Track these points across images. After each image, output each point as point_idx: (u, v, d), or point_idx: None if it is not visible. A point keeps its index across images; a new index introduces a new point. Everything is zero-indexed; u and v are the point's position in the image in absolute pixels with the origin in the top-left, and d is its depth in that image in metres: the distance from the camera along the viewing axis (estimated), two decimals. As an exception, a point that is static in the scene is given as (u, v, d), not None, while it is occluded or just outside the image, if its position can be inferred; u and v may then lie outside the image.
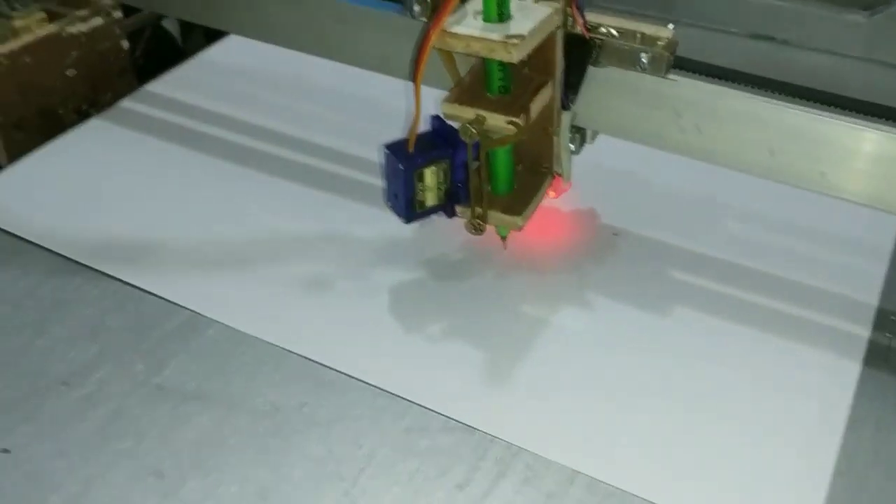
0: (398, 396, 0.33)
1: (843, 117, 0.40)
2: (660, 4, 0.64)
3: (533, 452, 0.31)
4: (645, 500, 0.30)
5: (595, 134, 0.41)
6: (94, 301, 0.38)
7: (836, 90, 0.59)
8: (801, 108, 0.41)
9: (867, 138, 0.35)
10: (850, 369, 0.35)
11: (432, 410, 0.33)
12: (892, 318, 0.37)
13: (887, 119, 0.47)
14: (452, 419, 0.32)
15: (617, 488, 0.30)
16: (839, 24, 0.60)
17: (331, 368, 0.34)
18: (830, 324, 0.37)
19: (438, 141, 0.38)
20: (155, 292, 0.38)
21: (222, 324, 0.37)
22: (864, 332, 0.37)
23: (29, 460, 0.31)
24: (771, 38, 0.62)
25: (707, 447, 0.32)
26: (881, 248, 0.42)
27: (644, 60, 0.37)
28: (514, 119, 0.35)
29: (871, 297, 0.39)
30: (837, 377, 0.35)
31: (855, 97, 0.55)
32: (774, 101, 0.39)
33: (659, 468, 0.31)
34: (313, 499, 0.30)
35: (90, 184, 0.46)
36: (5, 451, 0.32)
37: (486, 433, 0.32)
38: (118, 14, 0.54)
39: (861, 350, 0.36)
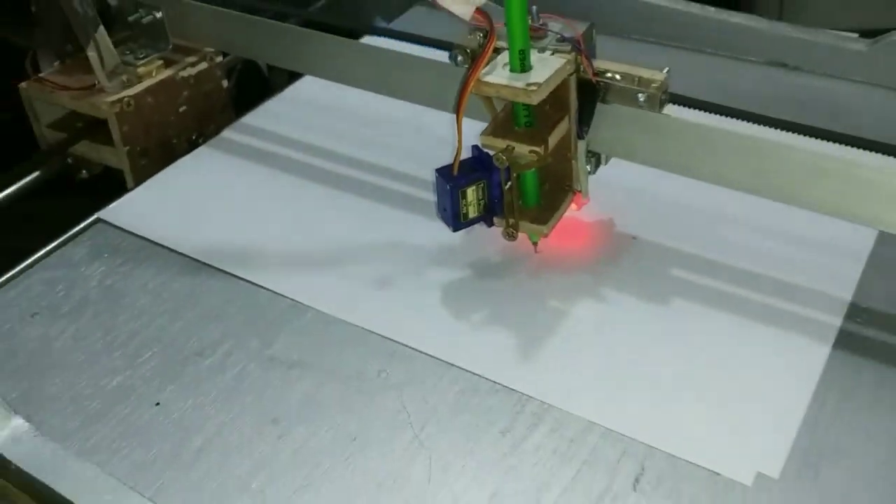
0: (454, 365, 0.41)
1: (816, 140, 0.46)
2: (690, 38, 0.67)
3: (559, 408, 0.39)
4: (646, 444, 0.37)
5: (608, 157, 0.47)
6: (217, 292, 0.46)
7: (839, 111, 0.63)
8: (775, 130, 0.47)
9: (831, 161, 0.40)
10: (823, 349, 0.41)
11: (480, 376, 0.41)
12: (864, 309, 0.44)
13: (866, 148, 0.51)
14: (497, 383, 0.40)
15: (624, 435, 0.37)
16: (844, 51, 0.64)
17: (401, 344, 0.42)
18: (809, 314, 0.43)
19: (478, 165, 0.45)
20: (264, 285, 0.46)
21: (316, 309, 0.45)
22: (836, 321, 0.42)
23: (175, 411, 0.40)
24: (784, 65, 0.66)
25: (700, 402, 0.39)
26: (860, 253, 0.46)
27: (641, 99, 0.43)
28: (535, 148, 0.42)
29: (847, 293, 0.44)
30: (811, 354, 0.41)
31: (851, 121, 0.60)
32: (751, 128, 0.46)
33: (659, 421, 0.38)
34: (390, 441, 0.38)
35: (202, 200, 0.54)
36: (157, 404, 0.41)
37: (523, 393, 0.40)
38: (219, 58, 0.61)
39: (833, 334, 0.42)
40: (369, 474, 0.37)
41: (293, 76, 0.66)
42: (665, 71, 0.43)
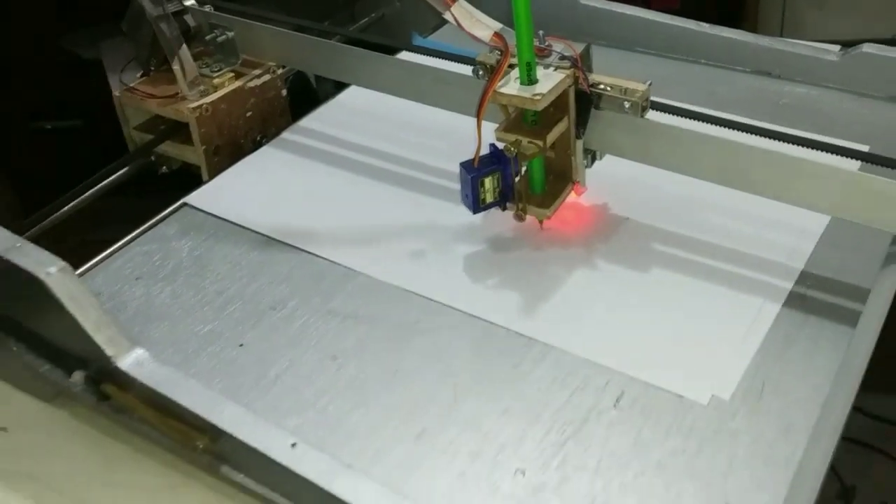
0: (475, 316, 0.51)
1: (769, 141, 0.53)
2: (687, 50, 0.75)
3: (559, 348, 0.48)
4: (625, 374, 0.46)
5: (602, 154, 0.55)
6: (284, 261, 0.56)
7: (816, 113, 0.68)
8: (742, 134, 0.54)
9: (782, 153, 0.50)
10: (774, 306, 0.50)
11: (495, 324, 0.50)
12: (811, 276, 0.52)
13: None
14: (510, 329, 0.50)
15: (609, 368, 0.47)
16: (819, 61, 0.71)
17: (433, 300, 0.52)
18: (766, 280, 0.52)
19: (494, 160, 0.53)
20: (323, 255, 0.56)
21: (366, 274, 0.54)
22: (788, 285, 0.51)
23: (256, 350, 0.50)
24: (768, 74, 0.73)
25: (670, 343, 0.48)
26: (814, 233, 0.55)
27: (626, 106, 0.51)
28: (536, 142, 0.51)
29: (799, 264, 0.52)
30: (764, 309, 0.49)
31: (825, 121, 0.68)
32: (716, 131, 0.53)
33: (637, 357, 0.47)
34: (426, 373, 0.47)
35: (267, 190, 0.63)
36: (241, 345, 0.51)
37: (530, 337, 0.49)
38: (280, 71, 0.69)
39: (784, 295, 0.50)
40: (407, 397, 0.46)
41: (339, 86, 0.74)
42: (647, 84, 0.52)
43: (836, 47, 0.73)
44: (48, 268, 0.45)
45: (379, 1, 0.83)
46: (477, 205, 0.54)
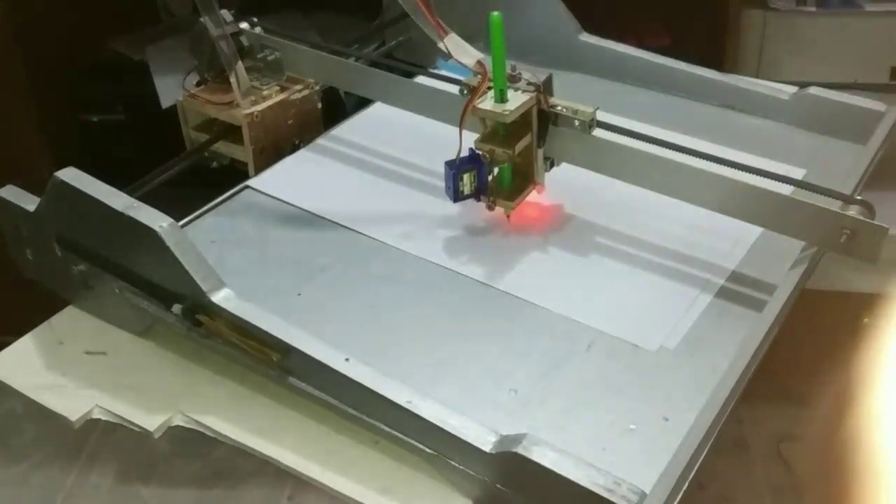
0: (483, 283, 0.64)
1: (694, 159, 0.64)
2: (660, 83, 0.85)
3: (544, 307, 0.62)
4: (595, 328, 0.60)
5: (559, 161, 0.67)
6: (329, 234, 0.68)
7: (769, 143, 0.78)
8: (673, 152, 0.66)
9: (706, 170, 0.63)
10: (707, 296, 0.61)
11: (498, 289, 0.63)
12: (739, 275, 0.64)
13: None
14: (509, 293, 0.63)
15: (581, 322, 0.60)
16: (774, 99, 0.81)
17: (439, 265, 0.65)
18: (703, 276, 0.62)
19: (472, 159, 0.64)
20: (361, 231, 0.69)
21: (394, 247, 0.67)
22: (720, 280, 0.62)
23: (311, 299, 0.63)
24: (731, 107, 0.82)
25: (627, 311, 0.61)
26: (747, 238, 0.65)
27: (577, 124, 0.63)
28: (506, 150, 0.62)
29: (732, 264, 0.63)
30: (700, 298, 0.61)
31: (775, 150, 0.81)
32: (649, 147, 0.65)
33: (603, 316, 0.60)
34: (443, 321, 0.61)
35: (304, 183, 0.74)
36: (299, 294, 0.65)
37: (524, 299, 0.62)
38: (317, 87, 0.79)
39: (716, 288, 0.61)
40: (429, 336, 0.60)
41: (364, 101, 0.87)
42: (595, 108, 0.64)
43: (793, 88, 0.82)
44: (161, 222, 0.59)
45: (407, 26, 0.94)
46: (457, 195, 0.65)
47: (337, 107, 0.90)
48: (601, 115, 0.66)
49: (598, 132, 0.65)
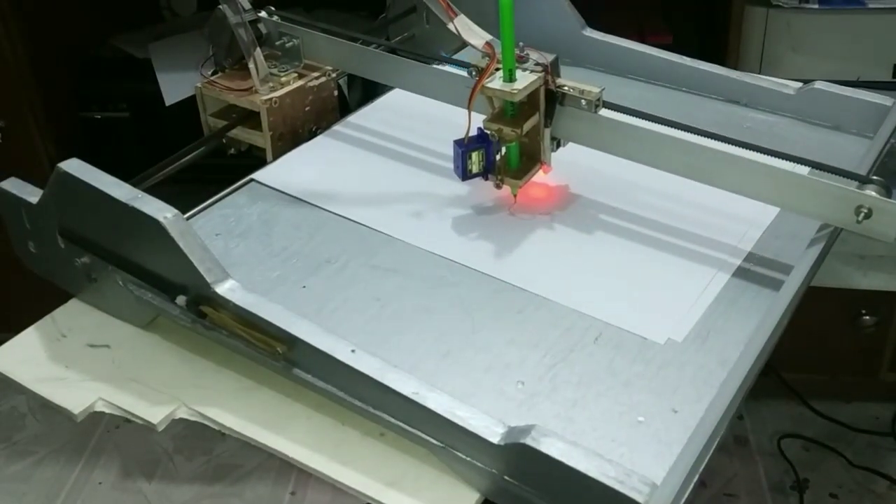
0: (489, 275, 0.64)
1: (714, 143, 0.63)
2: (668, 78, 0.85)
3: (552, 300, 0.62)
4: (603, 320, 0.59)
5: (565, 141, 0.67)
6: (335, 227, 0.68)
7: (774, 137, 0.78)
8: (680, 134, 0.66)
9: (719, 149, 0.64)
10: (724, 276, 0.60)
11: (505, 281, 0.63)
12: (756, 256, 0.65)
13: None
14: (516, 286, 0.63)
15: (589, 315, 0.60)
16: (779, 94, 0.81)
17: (444, 258, 0.65)
18: (719, 256, 0.63)
19: (480, 140, 0.65)
20: (367, 224, 0.69)
21: (399, 239, 0.66)
22: (737, 261, 0.62)
23: (316, 291, 0.62)
24: (737, 102, 0.82)
25: (637, 301, 0.61)
26: (762, 221, 0.66)
27: (583, 103, 0.64)
28: (514, 129, 0.63)
29: (748, 246, 0.64)
30: (716, 279, 0.61)
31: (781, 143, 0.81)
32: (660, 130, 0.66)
33: (611, 308, 0.60)
34: (450, 311, 0.60)
35: (319, 170, 0.74)
36: (304, 286, 0.65)
37: (531, 291, 0.62)
38: (334, 74, 0.79)
39: (733, 269, 0.61)
40: (436, 327, 0.60)
41: (368, 96, 0.88)
42: (601, 89, 0.65)
43: (798, 83, 0.82)
44: (165, 213, 0.58)
45: (411, 23, 0.95)
46: (465, 174, 0.66)
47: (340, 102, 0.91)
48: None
49: (605, 112, 0.65)
